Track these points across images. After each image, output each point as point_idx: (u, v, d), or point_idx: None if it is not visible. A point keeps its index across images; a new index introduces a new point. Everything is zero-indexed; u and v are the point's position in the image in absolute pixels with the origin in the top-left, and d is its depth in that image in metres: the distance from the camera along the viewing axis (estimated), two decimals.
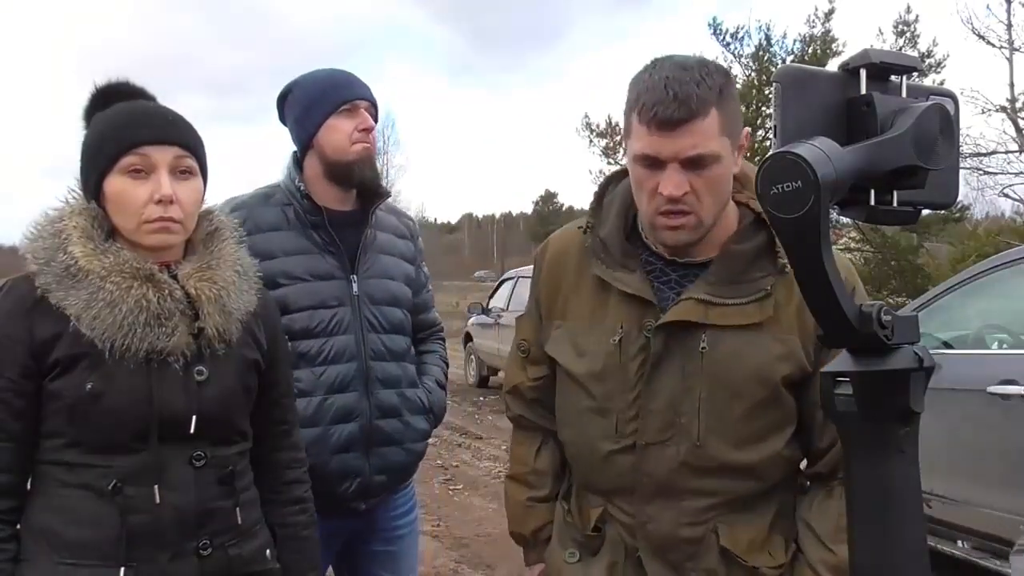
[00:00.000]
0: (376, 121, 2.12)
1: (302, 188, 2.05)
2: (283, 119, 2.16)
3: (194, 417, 1.46)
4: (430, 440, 2.24)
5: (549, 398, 1.65)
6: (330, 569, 2.23)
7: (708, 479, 1.45)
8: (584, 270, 1.55)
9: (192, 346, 1.47)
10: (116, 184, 1.46)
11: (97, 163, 1.48)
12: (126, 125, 1.48)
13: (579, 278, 1.56)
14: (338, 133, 2.04)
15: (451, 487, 6.78)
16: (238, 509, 1.52)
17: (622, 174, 1.57)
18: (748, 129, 1.49)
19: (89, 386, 1.40)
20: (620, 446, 1.48)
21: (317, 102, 2.06)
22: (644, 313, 1.47)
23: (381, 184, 2.16)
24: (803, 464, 1.56)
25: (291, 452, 1.70)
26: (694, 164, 1.35)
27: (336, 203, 2.09)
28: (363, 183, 2.08)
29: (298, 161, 2.11)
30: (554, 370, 1.63)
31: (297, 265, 1.99)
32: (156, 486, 1.42)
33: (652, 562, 1.49)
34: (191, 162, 1.51)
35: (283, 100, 2.15)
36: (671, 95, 1.32)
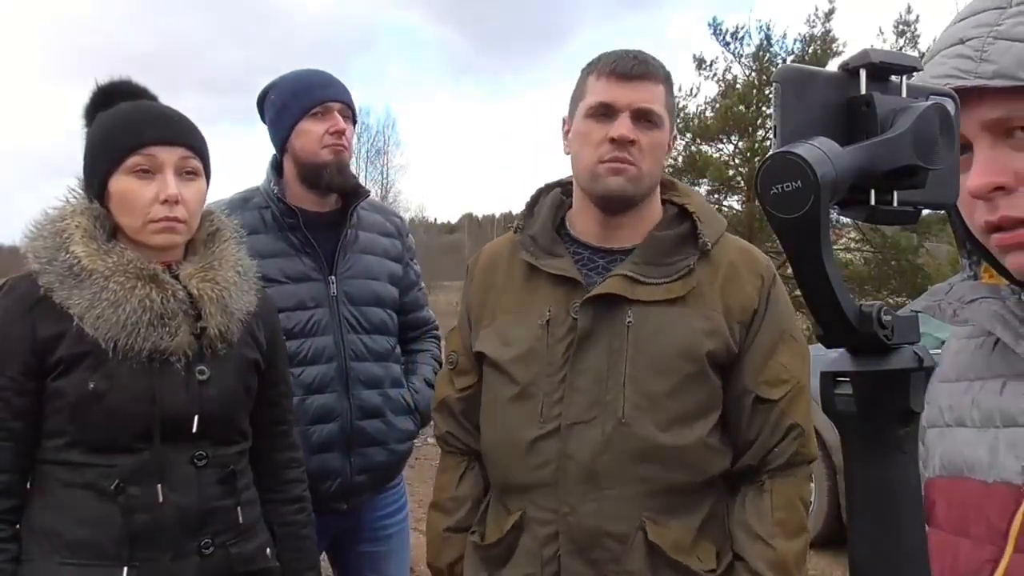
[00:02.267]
0: (354, 122, 2.11)
1: (276, 191, 2.05)
2: (264, 120, 2.15)
3: (196, 417, 1.46)
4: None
5: (477, 410, 1.62)
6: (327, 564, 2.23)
7: (634, 464, 1.43)
8: (513, 266, 1.58)
9: (194, 346, 1.48)
10: (122, 184, 1.47)
11: (103, 162, 1.48)
12: (133, 125, 1.49)
13: (509, 275, 1.59)
14: (308, 137, 2.03)
15: None
16: (239, 508, 1.53)
17: (552, 186, 1.66)
18: (677, 135, 1.60)
19: (92, 385, 1.40)
20: (544, 431, 1.47)
21: (289, 105, 2.05)
22: (571, 295, 1.49)
23: (358, 185, 2.15)
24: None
25: (290, 452, 1.71)
26: (643, 118, 1.46)
27: (314, 204, 2.09)
28: (331, 188, 2.07)
29: (277, 163, 2.11)
30: (482, 378, 1.61)
31: (273, 267, 1.98)
32: (159, 485, 1.43)
33: (572, 562, 1.44)
34: (196, 163, 1.52)
35: (262, 102, 2.14)
36: (631, 56, 1.48)
